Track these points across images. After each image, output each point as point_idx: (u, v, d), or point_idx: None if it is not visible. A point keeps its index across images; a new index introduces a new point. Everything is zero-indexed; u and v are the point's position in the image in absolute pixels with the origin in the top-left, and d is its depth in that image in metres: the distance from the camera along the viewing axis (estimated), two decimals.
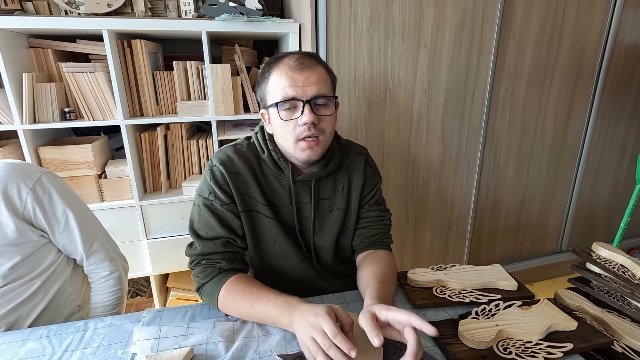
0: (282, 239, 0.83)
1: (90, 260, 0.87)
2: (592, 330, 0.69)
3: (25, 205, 0.77)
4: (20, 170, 0.78)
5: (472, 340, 0.63)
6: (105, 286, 0.90)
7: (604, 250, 0.89)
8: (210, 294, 0.75)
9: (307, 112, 0.73)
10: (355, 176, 0.88)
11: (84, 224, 0.85)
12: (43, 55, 1.34)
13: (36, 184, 0.78)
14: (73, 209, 0.83)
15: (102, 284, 0.90)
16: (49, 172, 0.83)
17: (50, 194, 0.80)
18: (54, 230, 0.82)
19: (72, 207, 0.83)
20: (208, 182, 0.80)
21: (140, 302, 1.73)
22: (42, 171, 0.82)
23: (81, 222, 0.84)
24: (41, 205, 0.79)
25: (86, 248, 0.86)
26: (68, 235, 0.83)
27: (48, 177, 0.82)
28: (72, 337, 0.70)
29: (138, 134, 1.45)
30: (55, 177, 0.84)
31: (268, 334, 0.69)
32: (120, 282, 0.92)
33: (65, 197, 0.82)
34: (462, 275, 0.83)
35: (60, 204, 0.81)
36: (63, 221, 0.82)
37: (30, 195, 0.77)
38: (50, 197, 0.80)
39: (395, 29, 1.39)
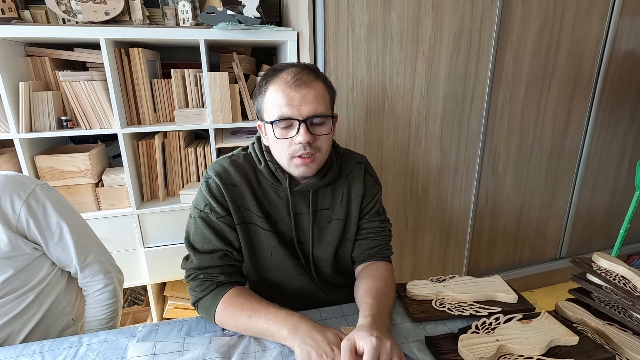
0: (279, 251, 0.82)
1: (84, 272, 0.86)
2: (594, 345, 0.68)
3: (18, 218, 0.76)
4: (13, 182, 0.77)
5: (473, 357, 0.62)
6: (99, 299, 0.88)
7: (605, 261, 0.88)
8: (208, 308, 0.74)
9: (303, 131, 0.72)
10: (355, 186, 0.87)
11: (79, 235, 0.84)
12: (40, 63, 1.34)
13: (30, 196, 0.77)
14: (67, 221, 0.82)
15: (96, 297, 0.88)
16: (43, 184, 0.82)
17: (44, 206, 0.79)
18: (48, 243, 0.80)
19: (66, 218, 0.82)
20: (204, 194, 0.79)
21: (137, 311, 1.71)
22: (36, 183, 0.81)
23: (75, 234, 0.83)
24: (35, 218, 0.78)
25: (80, 260, 0.85)
26: (62, 248, 0.82)
27: (42, 188, 0.81)
28: (66, 353, 0.69)
29: (135, 141, 1.45)
30: (50, 189, 0.83)
31: (265, 349, 0.68)
32: (115, 295, 0.91)
33: (59, 209, 0.81)
34: (461, 288, 0.82)
35: (55, 216, 0.80)
36: (57, 233, 0.81)
37: (24, 207, 0.76)
38: (44, 209, 0.79)
39: (393, 37, 1.39)
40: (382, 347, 0.57)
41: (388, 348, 0.58)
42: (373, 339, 0.57)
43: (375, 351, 0.56)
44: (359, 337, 0.59)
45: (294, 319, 0.67)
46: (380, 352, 0.57)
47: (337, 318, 0.78)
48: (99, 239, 0.93)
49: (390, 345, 0.59)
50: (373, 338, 0.58)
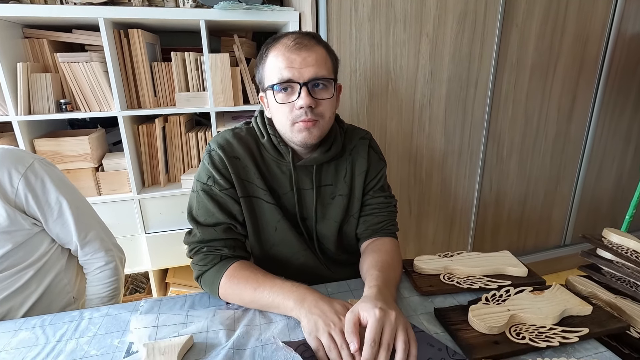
0: (283, 225, 0.81)
1: (85, 250, 0.85)
2: (608, 315, 0.66)
3: (17, 192, 0.74)
4: (11, 156, 0.75)
5: (484, 326, 0.61)
6: (100, 277, 0.87)
7: (615, 235, 0.87)
8: (211, 281, 0.73)
9: (304, 95, 0.70)
10: (359, 161, 0.85)
11: (78, 212, 0.82)
12: (38, 45, 1.31)
13: (28, 170, 0.76)
14: (67, 197, 0.80)
15: (97, 275, 0.87)
16: (42, 159, 0.81)
17: (43, 181, 0.77)
18: (47, 218, 0.79)
19: (66, 195, 0.80)
20: (206, 167, 0.77)
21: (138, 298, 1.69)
22: (34, 157, 0.79)
23: (75, 211, 0.81)
24: (33, 193, 0.76)
25: (80, 237, 0.83)
26: (62, 224, 0.80)
27: (41, 163, 0.79)
28: (67, 327, 0.67)
29: (136, 126, 1.43)
30: (49, 164, 0.81)
31: (270, 322, 0.67)
32: (117, 274, 0.89)
33: (58, 185, 0.80)
34: (470, 262, 0.80)
35: (54, 192, 0.79)
36: (56, 209, 0.79)
37: (22, 181, 0.74)
38: (43, 184, 0.77)
39: (396, 18, 1.37)
40: (386, 318, 0.55)
41: (392, 319, 0.56)
42: (377, 311, 0.55)
43: (379, 323, 0.54)
44: (363, 309, 0.57)
45: (300, 290, 0.66)
46: (384, 323, 0.55)
47: (343, 293, 0.76)
48: (100, 218, 0.91)
49: (395, 316, 0.56)
50: (377, 310, 0.55)
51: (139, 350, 0.59)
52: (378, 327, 0.54)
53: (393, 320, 0.56)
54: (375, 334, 0.53)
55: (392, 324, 0.55)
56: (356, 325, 0.56)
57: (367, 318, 0.56)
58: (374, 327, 0.54)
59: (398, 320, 0.56)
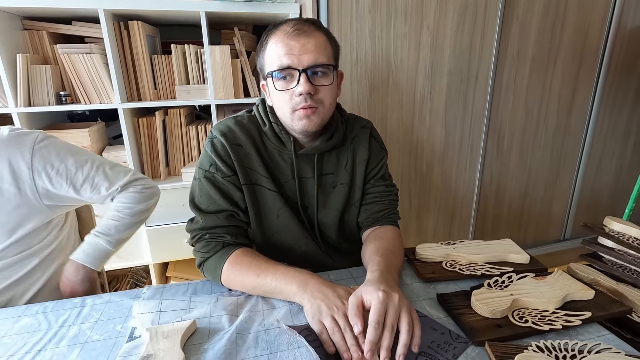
0: (285, 213, 0.80)
1: (123, 193, 0.84)
2: (610, 299, 0.66)
3: (32, 169, 0.73)
4: (16, 139, 0.74)
5: (487, 309, 0.61)
6: (129, 197, 0.84)
7: (617, 223, 0.87)
8: (214, 268, 0.73)
9: (303, 81, 0.69)
10: (360, 150, 0.85)
11: (101, 166, 0.82)
12: (38, 37, 1.31)
13: (36, 146, 0.74)
14: (83, 157, 0.80)
15: (128, 194, 0.84)
16: (42, 132, 0.79)
17: (52, 152, 0.76)
18: (75, 184, 0.77)
19: (81, 155, 0.80)
20: (208, 154, 0.77)
21: None
22: (36, 131, 0.77)
23: (98, 166, 0.81)
24: (51, 165, 0.75)
25: (114, 189, 0.82)
26: (91, 185, 0.79)
27: (44, 136, 0.77)
28: (69, 313, 0.67)
29: (136, 119, 1.42)
30: (49, 136, 0.79)
31: (273, 307, 0.67)
32: (151, 197, 0.87)
33: (69, 149, 0.79)
34: (472, 249, 0.80)
35: (69, 156, 0.77)
36: (80, 172, 0.78)
37: (36, 157, 0.73)
38: (57, 154, 0.76)
39: (397, 10, 1.37)
40: (389, 300, 0.55)
41: (396, 301, 0.56)
42: (380, 293, 0.55)
43: (382, 305, 0.54)
44: (366, 292, 0.57)
45: (303, 275, 0.66)
46: (387, 306, 0.55)
47: (345, 280, 0.76)
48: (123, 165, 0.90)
49: (399, 298, 0.56)
50: (380, 292, 0.55)
51: (142, 335, 0.59)
52: (382, 309, 0.54)
53: (396, 302, 0.56)
54: (379, 316, 0.53)
55: (396, 305, 0.55)
56: (359, 308, 0.56)
57: (370, 301, 0.56)
58: (378, 309, 0.54)
59: (401, 302, 0.56)
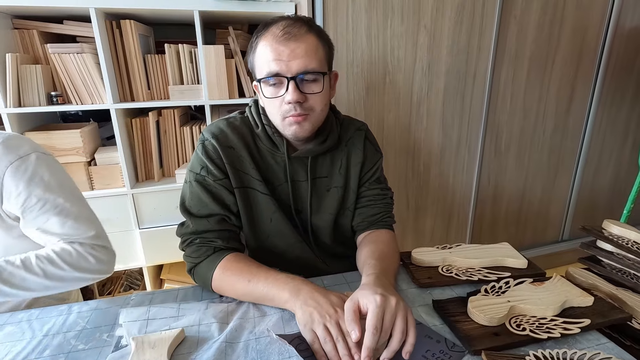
0: (278, 216, 0.79)
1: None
2: (609, 306, 0.65)
3: (2, 182, 0.71)
4: (9, 144, 0.71)
5: (483, 317, 0.59)
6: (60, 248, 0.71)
7: (616, 227, 0.85)
8: (204, 274, 0.71)
9: (292, 89, 0.67)
10: (355, 153, 0.83)
11: (67, 215, 0.74)
12: (28, 37, 1.28)
13: (20, 160, 0.72)
14: (59, 196, 0.73)
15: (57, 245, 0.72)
16: (44, 153, 0.75)
17: (33, 175, 0.73)
18: (25, 215, 0.71)
19: (58, 193, 0.73)
20: (200, 157, 0.75)
21: None
22: (35, 149, 0.74)
23: (63, 213, 0.73)
24: (16, 185, 0.72)
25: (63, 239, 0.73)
26: (42, 222, 0.72)
27: (39, 156, 0.74)
28: (55, 321, 0.65)
29: (129, 119, 1.40)
30: (49, 159, 0.76)
31: (264, 314, 0.65)
32: (85, 272, 0.73)
33: (51, 182, 0.73)
34: (468, 254, 0.79)
35: (42, 188, 0.72)
36: (38, 206, 0.71)
37: (9, 171, 0.71)
38: (31, 178, 0.72)
39: (394, 9, 1.35)
40: (386, 304, 0.54)
41: (393, 305, 0.54)
42: (377, 297, 0.54)
43: (380, 309, 0.53)
44: (362, 296, 0.56)
45: (296, 281, 0.64)
46: (385, 309, 0.53)
47: (339, 285, 0.74)
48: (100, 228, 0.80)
49: (396, 302, 0.55)
50: (377, 296, 0.54)
51: (128, 344, 0.57)
52: (379, 313, 0.53)
53: (393, 306, 0.54)
54: (376, 321, 0.52)
55: (393, 310, 0.54)
56: (356, 313, 0.54)
57: (367, 305, 0.54)
58: (376, 314, 0.52)
59: (398, 306, 0.55)
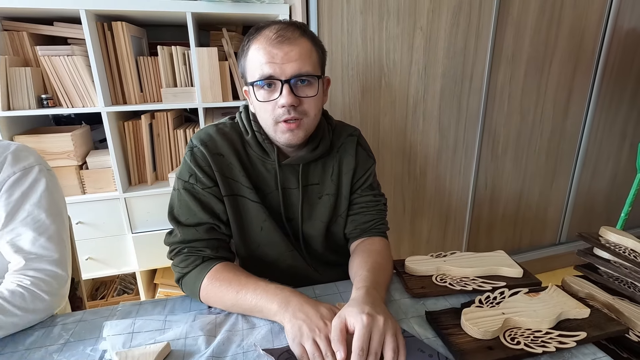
0: (269, 225, 0.77)
1: (26, 271, 0.66)
2: (606, 317, 0.63)
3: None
4: (15, 153, 0.70)
5: (477, 330, 0.58)
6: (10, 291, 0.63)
7: (613, 234, 0.84)
8: (192, 284, 0.69)
9: (286, 93, 0.66)
10: (346, 159, 0.82)
11: (44, 235, 0.69)
12: (18, 38, 1.27)
13: (23, 172, 0.69)
14: (44, 213, 0.70)
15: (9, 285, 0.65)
16: (46, 168, 0.74)
17: (29, 188, 0.70)
18: (6, 224, 0.67)
19: (45, 211, 0.70)
20: (188, 164, 0.74)
21: (127, 300, 1.65)
22: (39, 162, 0.72)
23: (41, 231, 0.69)
24: (9, 193, 0.69)
25: (29, 257, 0.67)
26: (16, 235, 0.68)
27: (42, 170, 0.72)
28: (37, 334, 0.63)
29: (121, 122, 1.38)
30: (50, 175, 0.75)
31: (254, 327, 0.63)
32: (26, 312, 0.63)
33: (43, 200, 0.71)
34: (463, 262, 0.77)
35: (34, 202, 0.70)
36: (20, 218, 0.68)
37: (11, 180, 0.68)
38: (28, 191, 0.70)
39: (389, 11, 1.33)
40: (374, 324, 0.52)
41: (381, 325, 0.53)
42: (364, 317, 0.52)
43: (367, 330, 0.51)
44: (350, 314, 0.54)
45: (285, 292, 0.62)
46: (372, 330, 0.52)
47: (331, 295, 0.73)
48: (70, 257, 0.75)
49: (384, 321, 0.53)
50: (364, 315, 0.52)
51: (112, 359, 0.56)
52: (366, 334, 0.51)
53: (381, 326, 0.53)
54: (363, 342, 0.50)
55: (381, 329, 0.52)
56: (343, 332, 0.53)
57: (354, 324, 0.53)
58: (362, 335, 0.51)
59: (386, 325, 0.53)
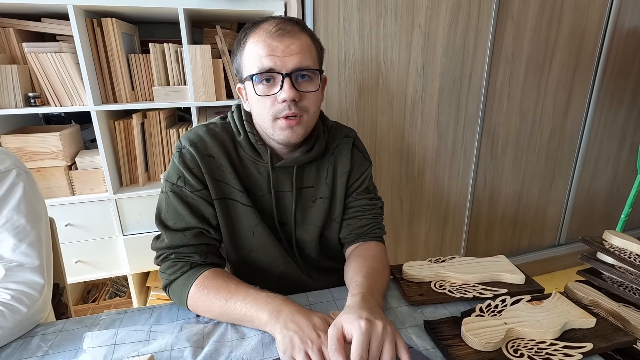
0: (261, 229, 0.74)
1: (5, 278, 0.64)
2: (612, 327, 0.61)
3: None
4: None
5: (478, 342, 0.55)
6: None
7: (617, 238, 0.81)
8: (179, 291, 0.66)
9: (287, 87, 0.63)
10: (341, 162, 0.79)
11: (25, 240, 0.67)
12: (4, 35, 1.23)
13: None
14: (23, 219, 0.67)
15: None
16: (24, 171, 0.70)
17: (7, 191, 0.67)
18: None
19: (25, 216, 0.67)
20: (176, 166, 0.70)
21: (119, 303, 1.62)
22: (16, 165, 0.69)
23: (20, 237, 0.66)
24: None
25: (8, 264, 0.64)
26: None
27: (20, 174, 0.69)
28: (14, 345, 0.60)
29: (112, 121, 1.35)
30: (29, 179, 0.71)
31: (243, 337, 0.60)
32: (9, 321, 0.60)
33: (21, 205, 0.67)
34: (463, 268, 0.74)
35: (12, 207, 0.66)
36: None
37: None
38: (6, 195, 0.66)
39: (387, 8, 1.30)
40: (372, 330, 0.50)
41: (379, 331, 0.50)
42: (362, 322, 0.50)
43: (365, 337, 0.49)
44: (347, 321, 0.52)
45: (276, 301, 0.59)
46: (371, 336, 0.49)
47: (325, 303, 0.70)
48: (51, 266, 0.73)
49: (382, 326, 0.51)
50: (362, 321, 0.50)
51: None
52: (364, 341, 0.49)
53: (380, 332, 0.50)
54: (362, 350, 0.48)
55: (379, 336, 0.50)
56: (340, 341, 0.50)
57: (351, 332, 0.50)
58: (360, 342, 0.48)
59: (385, 331, 0.51)
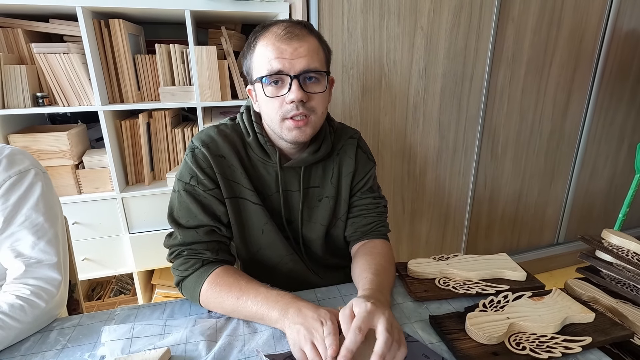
0: (270, 227, 0.76)
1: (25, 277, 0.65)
2: (611, 322, 0.63)
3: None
4: (9, 157, 0.69)
5: (482, 335, 0.57)
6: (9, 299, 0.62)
7: (615, 237, 0.84)
8: (192, 288, 0.68)
9: (295, 88, 0.65)
10: (346, 162, 0.81)
11: (44, 238, 0.68)
12: (13, 35, 1.24)
13: (19, 175, 0.68)
14: (41, 217, 0.69)
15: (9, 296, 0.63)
16: (42, 171, 0.72)
17: (27, 191, 0.69)
18: (4, 229, 0.66)
19: (43, 214, 0.70)
20: (189, 166, 0.72)
21: (123, 300, 1.64)
22: (34, 165, 0.71)
23: (39, 235, 0.68)
24: (6, 197, 0.68)
25: (28, 263, 0.66)
26: (14, 240, 0.67)
27: (38, 173, 0.71)
28: (33, 339, 0.62)
29: (118, 121, 1.36)
30: (46, 178, 0.73)
31: (255, 331, 0.62)
32: (27, 316, 0.62)
33: (40, 204, 0.69)
34: (466, 265, 0.77)
35: (31, 206, 0.69)
36: (18, 222, 0.67)
37: (7, 184, 0.67)
38: (25, 194, 0.68)
39: (390, 10, 1.32)
40: (376, 312, 0.52)
41: (383, 316, 0.52)
42: (368, 304, 0.52)
43: (368, 315, 0.51)
44: (356, 304, 0.54)
45: (286, 299, 0.61)
46: (373, 317, 0.52)
47: (333, 299, 0.72)
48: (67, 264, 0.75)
49: (387, 315, 0.53)
50: (368, 304, 0.53)
51: None
52: (366, 317, 0.51)
53: (383, 318, 0.52)
54: (361, 322, 0.50)
55: (382, 320, 0.52)
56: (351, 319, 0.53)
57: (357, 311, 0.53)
58: (362, 316, 0.51)
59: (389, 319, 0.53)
